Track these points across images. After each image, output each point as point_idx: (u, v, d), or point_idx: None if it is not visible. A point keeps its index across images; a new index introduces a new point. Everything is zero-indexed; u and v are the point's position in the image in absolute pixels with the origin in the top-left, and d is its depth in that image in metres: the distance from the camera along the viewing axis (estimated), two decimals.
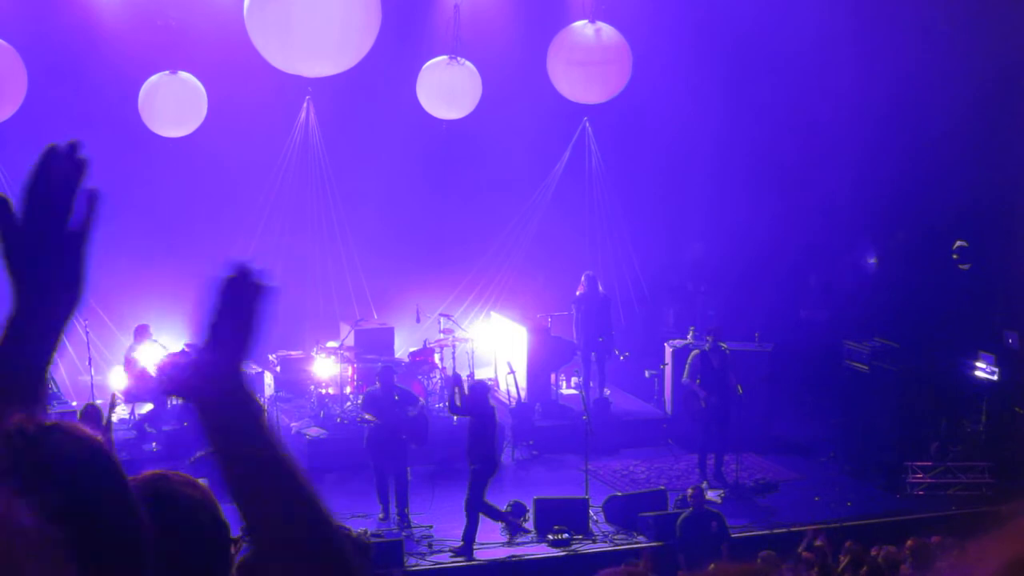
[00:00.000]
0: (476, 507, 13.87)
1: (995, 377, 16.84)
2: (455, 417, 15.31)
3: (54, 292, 1.86)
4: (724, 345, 16.56)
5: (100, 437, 1.65)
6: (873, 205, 19.04)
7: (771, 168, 19.74)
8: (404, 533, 14.09)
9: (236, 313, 1.79)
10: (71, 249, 1.86)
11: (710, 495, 15.16)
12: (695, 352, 16.63)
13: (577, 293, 18.44)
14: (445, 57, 17.06)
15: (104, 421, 11.93)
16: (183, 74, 16.43)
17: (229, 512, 1.97)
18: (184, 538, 2.15)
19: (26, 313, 1.85)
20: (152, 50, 17.07)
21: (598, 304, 18.29)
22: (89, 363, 16.43)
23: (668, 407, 18.41)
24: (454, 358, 17.88)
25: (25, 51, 15.52)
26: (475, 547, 13.89)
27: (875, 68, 18.70)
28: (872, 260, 19.99)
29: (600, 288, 18.52)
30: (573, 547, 14.02)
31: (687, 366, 16.55)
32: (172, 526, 2.08)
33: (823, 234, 19.97)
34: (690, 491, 13.98)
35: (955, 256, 18.32)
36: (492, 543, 14.14)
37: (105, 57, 17.90)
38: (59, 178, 1.84)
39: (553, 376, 18.56)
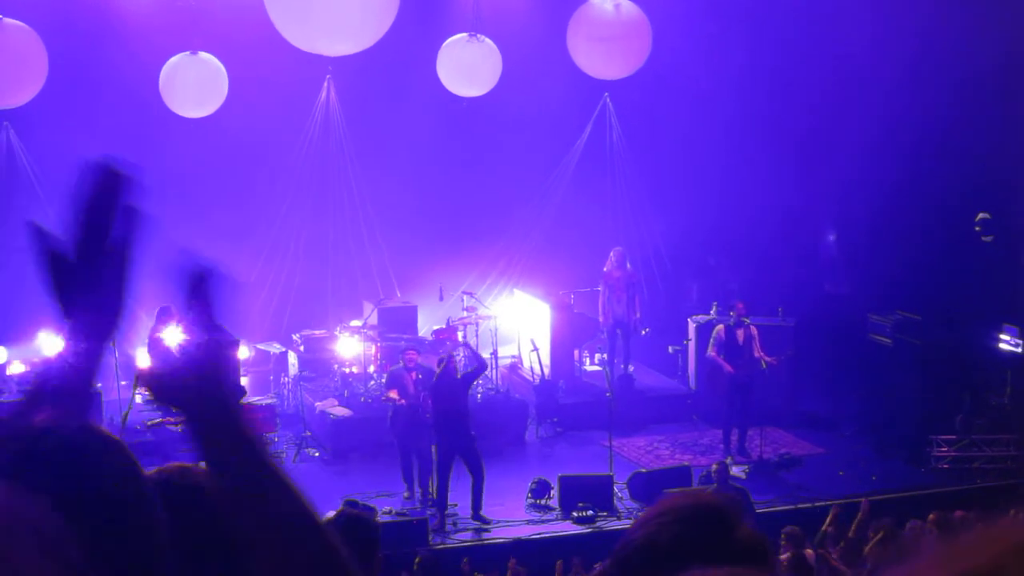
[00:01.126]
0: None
1: (1019, 350, 16.76)
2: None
3: (96, 312, 1.84)
4: (748, 320, 16.52)
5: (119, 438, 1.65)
6: (895, 177, 18.91)
7: (792, 141, 19.63)
8: (428, 512, 14.13)
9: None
10: (112, 268, 1.82)
11: (735, 470, 15.15)
12: (719, 327, 16.59)
13: (605, 269, 18.35)
14: (465, 34, 17.01)
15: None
16: (203, 55, 16.42)
17: None
18: (210, 529, 2.15)
19: (71, 334, 1.83)
20: (172, 31, 17.08)
21: (625, 281, 18.22)
22: (113, 344, 16.45)
23: (692, 383, 18.40)
24: (477, 335, 17.90)
25: (45, 33, 15.54)
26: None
27: (892, 38, 18.54)
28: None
29: (628, 265, 18.45)
30: (598, 524, 14.02)
31: (711, 340, 16.51)
32: (199, 518, 2.09)
33: (845, 207, 19.88)
34: (714, 467, 13.96)
35: (978, 228, 18.20)
36: (517, 521, 14.18)
37: (125, 38, 17.91)
38: (98, 196, 1.76)
39: (576, 353, 18.57)
